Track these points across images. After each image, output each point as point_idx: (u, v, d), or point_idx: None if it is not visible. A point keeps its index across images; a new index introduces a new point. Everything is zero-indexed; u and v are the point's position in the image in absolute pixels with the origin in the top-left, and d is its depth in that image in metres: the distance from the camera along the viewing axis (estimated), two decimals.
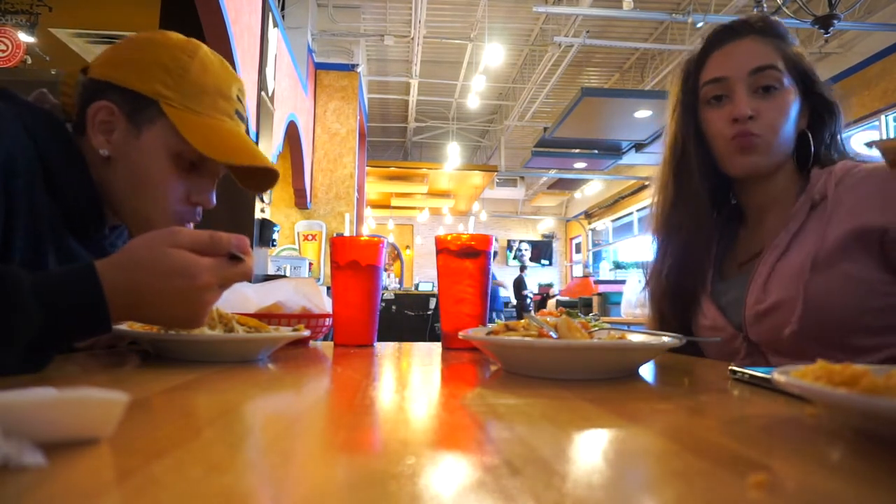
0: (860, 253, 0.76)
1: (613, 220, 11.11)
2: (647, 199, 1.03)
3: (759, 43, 0.88)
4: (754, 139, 0.85)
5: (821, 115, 0.88)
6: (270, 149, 3.96)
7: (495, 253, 0.93)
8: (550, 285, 10.71)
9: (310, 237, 6.06)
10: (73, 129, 0.77)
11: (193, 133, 0.74)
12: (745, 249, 0.94)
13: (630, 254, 10.19)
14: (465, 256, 0.87)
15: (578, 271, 12.03)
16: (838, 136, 0.89)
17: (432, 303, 6.33)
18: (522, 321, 0.68)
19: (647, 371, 0.61)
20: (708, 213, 0.94)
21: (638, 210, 9.86)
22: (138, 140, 0.75)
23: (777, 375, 0.34)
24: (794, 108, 0.86)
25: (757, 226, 0.94)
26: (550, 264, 13.35)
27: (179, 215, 0.79)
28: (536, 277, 11.72)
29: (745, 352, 0.87)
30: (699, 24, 5.37)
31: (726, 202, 0.99)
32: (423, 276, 11.64)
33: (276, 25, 4.15)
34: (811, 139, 0.87)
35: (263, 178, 0.88)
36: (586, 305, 6.03)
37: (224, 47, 3.06)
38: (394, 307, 6.88)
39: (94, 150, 0.75)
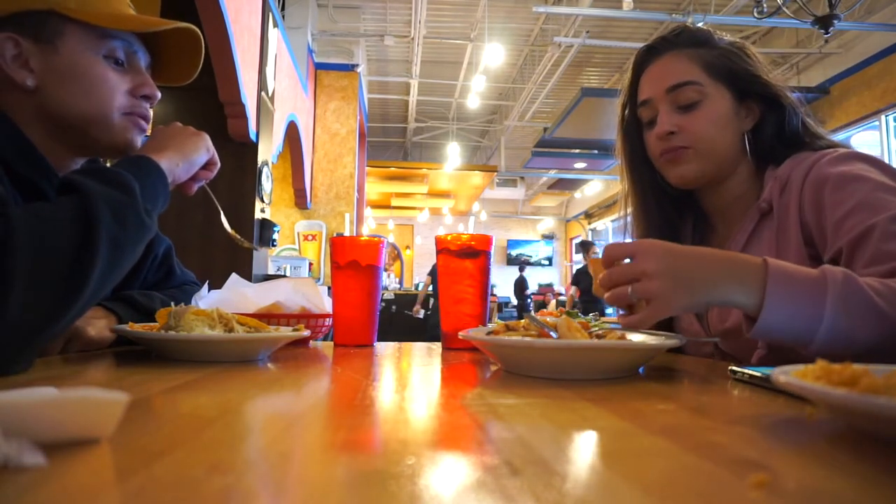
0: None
1: (613, 220, 11.11)
2: None
3: (676, 58, 0.87)
4: (682, 151, 0.85)
5: (768, 109, 0.86)
6: (270, 149, 3.96)
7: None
8: (550, 285, 10.71)
9: (310, 237, 6.06)
10: None
11: (99, 18, 0.75)
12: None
13: None
14: (465, 256, 0.87)
15: None
16: (792, 127, 0.85)
17: (432, 303, 6.34)
18: (522, 321, 0.68)
19: (647, 371, 0.61)
20: (669, 226, 0.96)
21: None
22: (58, 55, 0.73)
23: (777, 375, 0.34)
24: (725, 114, 0.84)
25: (722, 230, 0.93)
26: (550, 264, 13.35)
27: (131, 108, 0.79)
28: (536, 277, 11.72)
29: (719, 358, 0.86)
30: (699, 24, 5.37)
31: (694, 208, 0.98)
32: (423, 276, 11.64)
33: (276, 25, 4.15)
34: (754, 139, 0.86)
35: (186, 57, 0.86)
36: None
37: (224, 47, 3.06)
38: (394, 307, 6.88)
39: (17, 93, 0.73)
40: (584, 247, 6.41)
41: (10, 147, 0.71)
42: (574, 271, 7.03)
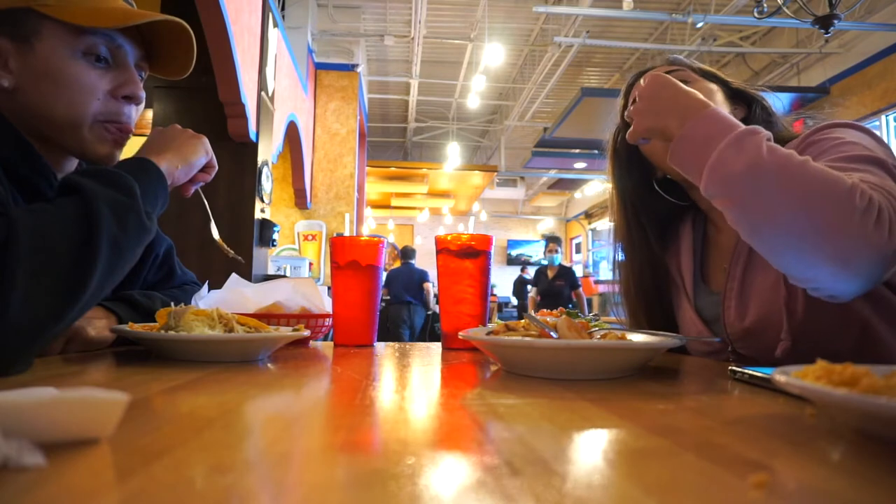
0: None
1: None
2: None
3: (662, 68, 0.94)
4: None
5: (751, 105, 0.91)
6: (270, 149, 3.96)
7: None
8: None
9: (310, 237, 6.05)
10: None
11: (75, 15, 0.72)
12: (724, 251, 0.92)
13: None
14: (465, 256, 0.87)
15: (579, 271, 12.04)
16: (776, 121, 0.91)
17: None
18: (522, 321, 0.68)
19: (647, 371, 0.61)
20: (656, 236, 0.97)
21: None
22: (34, 54, 0.71)
23: (777, 375, 0.34)
24: (716, 95, 0.88)
25: (723, 224, 0.92)
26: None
27: (109, 112, 0.76)
28: None
29: (735, 359, 0.85)
30: (699, 24, 5.37)
31: (691, 208, 0.98)
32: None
33: (276, 25, 4.15)
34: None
35: (181, 51, 0.83)
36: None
37: (224, 47, 3.05)
38: None
39: (2, 95, 0.71)
40: (549, 241, 5.90)
41: (9, 147, 0.70)
42: (535, 272, 6.28)
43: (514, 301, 9.98)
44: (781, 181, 0.59)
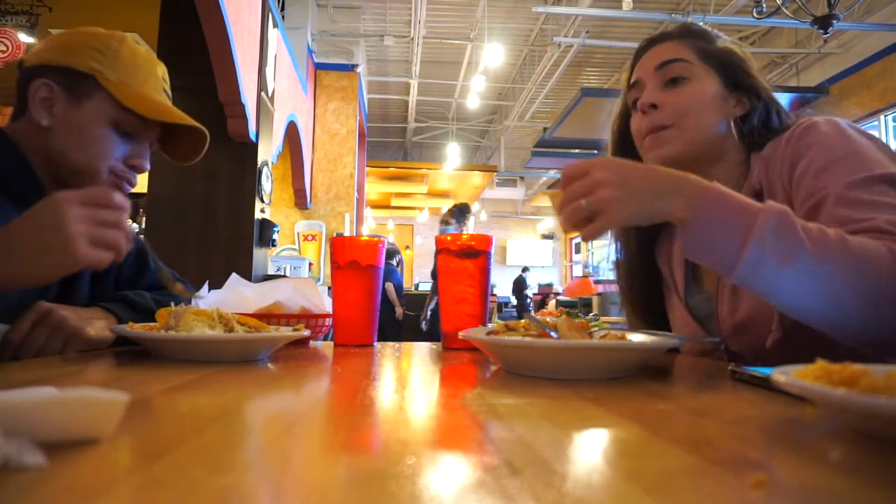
0: None
1: None
2: None
3: (670, 44, 0.89)
4: (663, 132, 0.84)
5: (755, 100, 0.88)
6: (270, 149, 3.96)
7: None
8: (550, 285, 10.72)
9: (310, 237, 6.06)
10: (12, 115, 0.85)
11: (129, 99, 0.84)
12: None
13: None
14: (465, 256, 0.87)
15: (578, 271, 12.04)
16: (774, 118, 0.88)
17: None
18: (522, 321, 0.68)
19: (646, 371, 0.61)
20: (636, 238, 0.95)
21: None
22: (79, 109, 0.82)
23: (777, 375, 0.34)
24: (711, 95, 0.85)
25: None
26: (551, 265, 13.35)
27: (116, 171, 0.86)
28: (536, 277, 11.72)
29: (728, 358, 0.84)
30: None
31: None
32: (423, 276, 11.63)
33: (275, 26, 4.15)
34: (743, 126, 0.86)
35: (192, 143, 0.95)
36: (586, 305, 5.99)
37: (224, 47, 3.05)
38: None
39: (32, 126, 0.82)
40: (458, 212, 4.38)
41: (7, 165, 0.78)
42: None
43: (514, 301, 9.99)
44: (826, 269, 0.57)
